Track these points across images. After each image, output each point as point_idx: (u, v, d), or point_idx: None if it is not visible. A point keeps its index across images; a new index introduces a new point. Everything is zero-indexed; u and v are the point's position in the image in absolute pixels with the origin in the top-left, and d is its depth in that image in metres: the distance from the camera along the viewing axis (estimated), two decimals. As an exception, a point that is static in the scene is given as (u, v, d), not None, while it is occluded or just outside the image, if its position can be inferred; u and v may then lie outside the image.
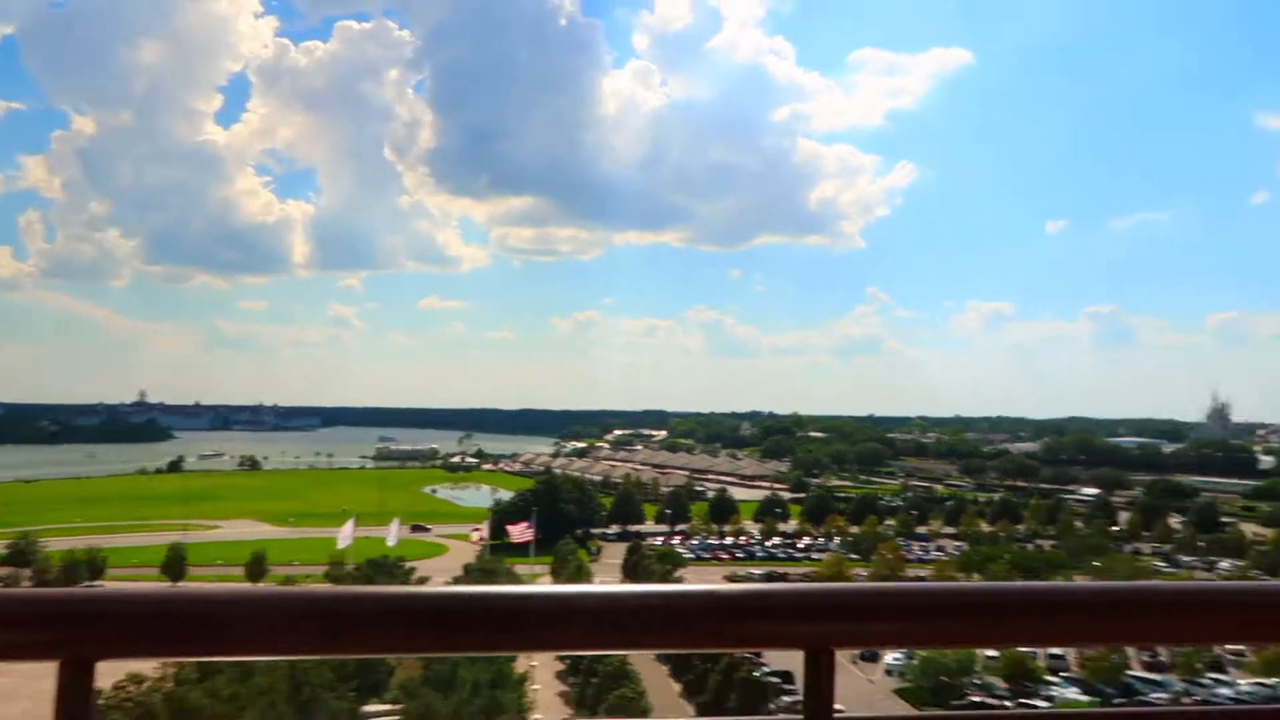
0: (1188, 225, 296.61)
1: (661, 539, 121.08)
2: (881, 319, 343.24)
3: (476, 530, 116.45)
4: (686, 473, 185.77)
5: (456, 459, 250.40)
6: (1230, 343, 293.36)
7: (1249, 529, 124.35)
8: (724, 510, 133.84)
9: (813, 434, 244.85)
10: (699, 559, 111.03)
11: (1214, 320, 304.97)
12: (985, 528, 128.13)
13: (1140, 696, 57.77)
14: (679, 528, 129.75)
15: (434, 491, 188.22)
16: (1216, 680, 60.10)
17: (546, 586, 1.77)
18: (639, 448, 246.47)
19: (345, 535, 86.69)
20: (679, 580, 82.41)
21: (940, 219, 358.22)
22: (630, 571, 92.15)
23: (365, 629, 1.66)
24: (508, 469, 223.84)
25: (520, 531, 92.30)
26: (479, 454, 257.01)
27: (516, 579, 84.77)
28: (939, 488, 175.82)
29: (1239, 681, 59.72)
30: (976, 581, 2.10)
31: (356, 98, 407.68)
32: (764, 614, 1.83)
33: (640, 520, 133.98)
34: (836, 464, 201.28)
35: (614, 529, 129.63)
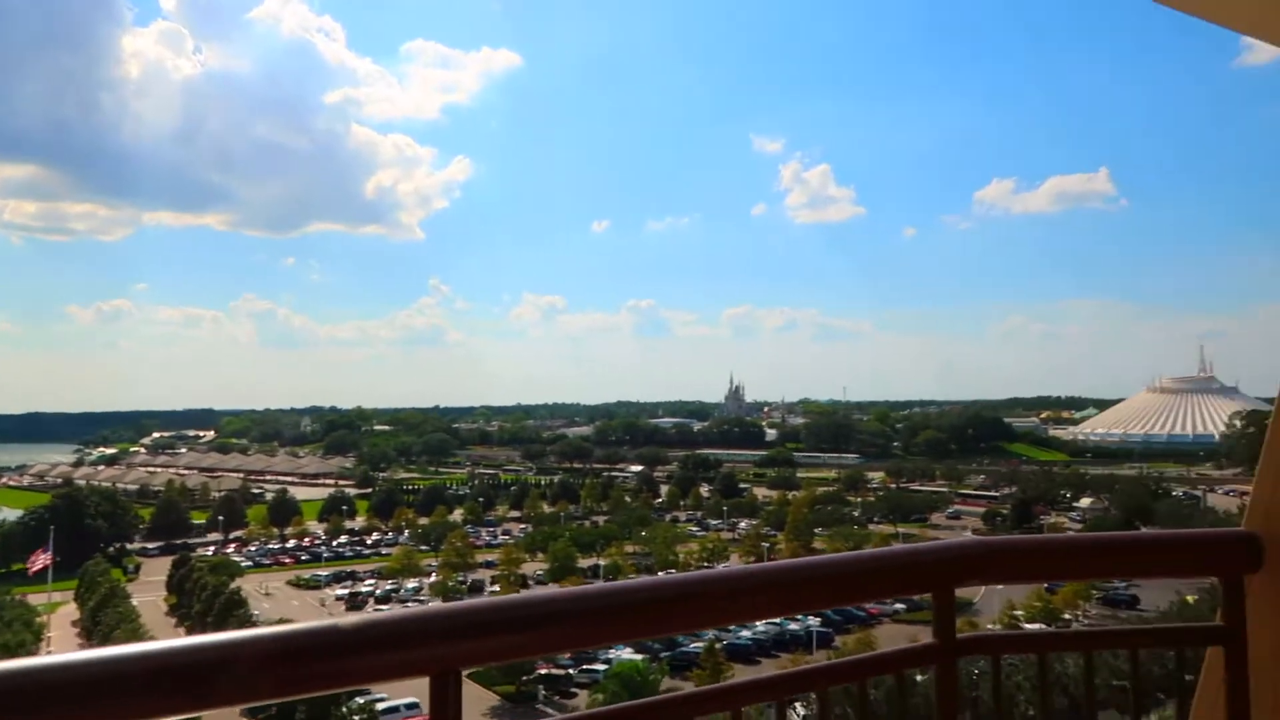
0: (706, 231, 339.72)
1: (214, 548, 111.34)
2: (444, 310, 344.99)
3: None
4: (241, 475, 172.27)
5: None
6: (742, 333, 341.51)
7: (760, 492, 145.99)
8: (285, 512, 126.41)
9: (378, 427, 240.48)
10: (259, 565, 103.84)
11: (729, 314, 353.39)
12: (547, 509, 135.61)
13: (682, 647, 65.23)
14: (234, 534, 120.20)
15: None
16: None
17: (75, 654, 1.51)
18: (184, 451, 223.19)
19: None
20: (227, 587, 76.37)
21: (497, 214, 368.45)
22: (178, 588, 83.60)
23: None
24: (13, 483, 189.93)
25: (39, 557, 79.01)
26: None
27: (31, 612, 72.57)
28: (504, 474, 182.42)
29: (757, 624, 69.94)
30: (596, 585, 2.37)
31: None
32: (376, 645, 1.78)
33: (189, 530, 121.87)
34: (403, 457, 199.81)
35: (156, 542, 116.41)
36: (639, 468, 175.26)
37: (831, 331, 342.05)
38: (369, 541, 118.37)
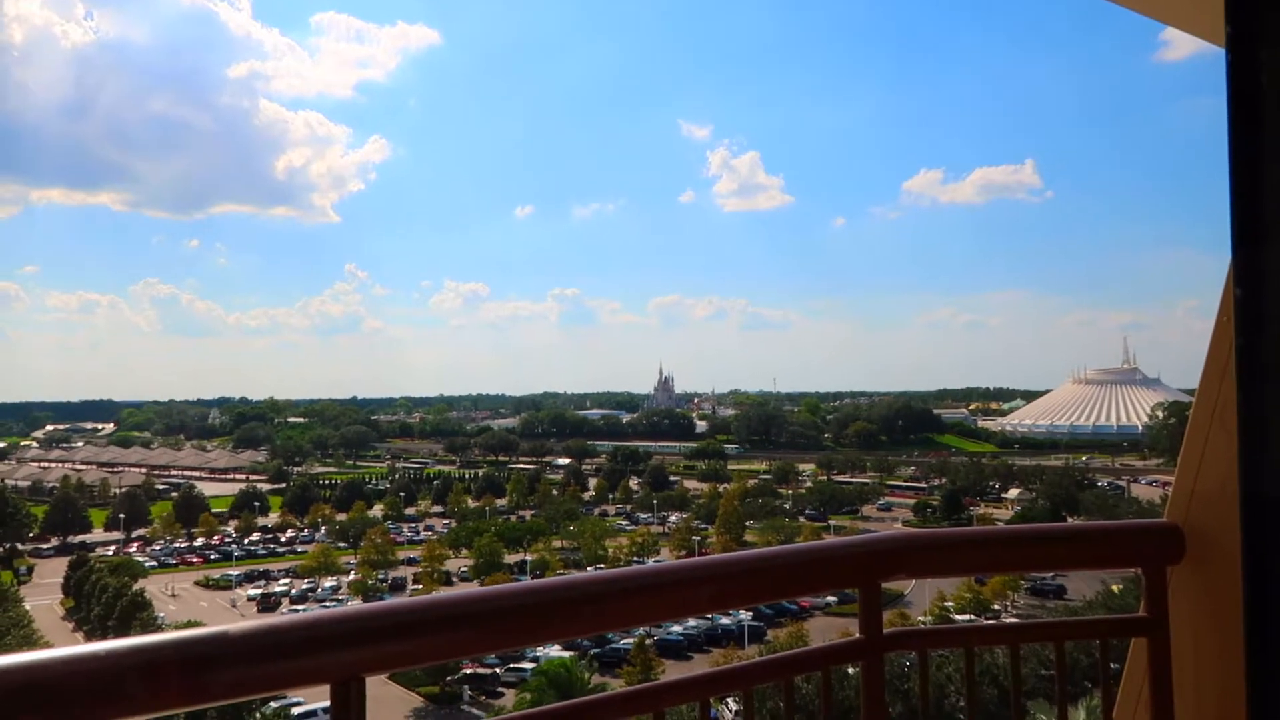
0: (633, 218, 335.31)
1: (115, 548, 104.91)
2: (361, 297, 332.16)
3: None
4: (144, 470, 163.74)
5: None
6: (670, 323, 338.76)
7: (690, 485, 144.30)
8: (192, 509, 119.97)
9: (292, 419, 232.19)
10: (164, 566, 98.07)
11: (656, 303, 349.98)
12: (471, 503, 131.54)
13: (612, 643, 62.83)
14: (137, 533, 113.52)
15: None
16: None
17: None
18: (81, 444, 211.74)
19: None
20: (129, 589, 71.49)
21: (416, 197, 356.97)
22: (76, 590, 78.15)
23: None
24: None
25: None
26: None
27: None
28: (426, 468, 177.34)
29: (688, 619, 67.98)
30: (504, 584, 2.34)
31: None
32: (269, 653, 1.70)
33: (86, 529, 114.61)
34: (319, 450, 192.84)
35: (51, 542, 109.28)
36: (566, 460, 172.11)
37: (760, 321, 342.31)
38: (283, 539, 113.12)
